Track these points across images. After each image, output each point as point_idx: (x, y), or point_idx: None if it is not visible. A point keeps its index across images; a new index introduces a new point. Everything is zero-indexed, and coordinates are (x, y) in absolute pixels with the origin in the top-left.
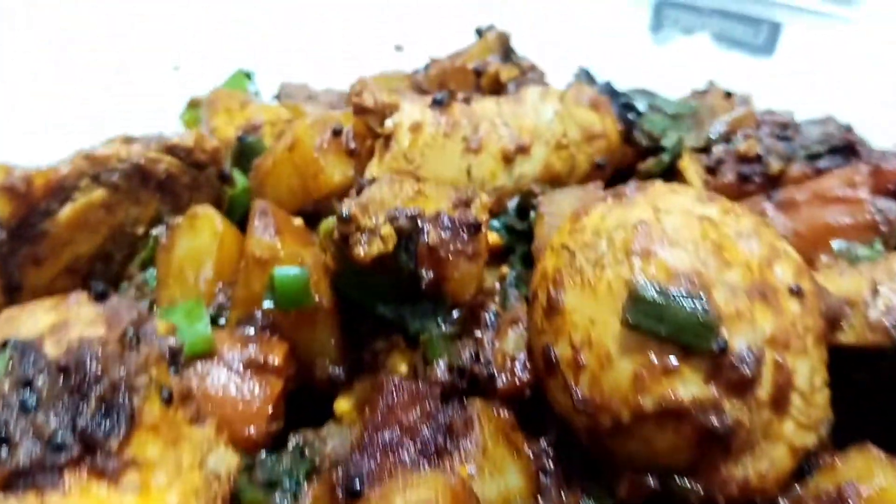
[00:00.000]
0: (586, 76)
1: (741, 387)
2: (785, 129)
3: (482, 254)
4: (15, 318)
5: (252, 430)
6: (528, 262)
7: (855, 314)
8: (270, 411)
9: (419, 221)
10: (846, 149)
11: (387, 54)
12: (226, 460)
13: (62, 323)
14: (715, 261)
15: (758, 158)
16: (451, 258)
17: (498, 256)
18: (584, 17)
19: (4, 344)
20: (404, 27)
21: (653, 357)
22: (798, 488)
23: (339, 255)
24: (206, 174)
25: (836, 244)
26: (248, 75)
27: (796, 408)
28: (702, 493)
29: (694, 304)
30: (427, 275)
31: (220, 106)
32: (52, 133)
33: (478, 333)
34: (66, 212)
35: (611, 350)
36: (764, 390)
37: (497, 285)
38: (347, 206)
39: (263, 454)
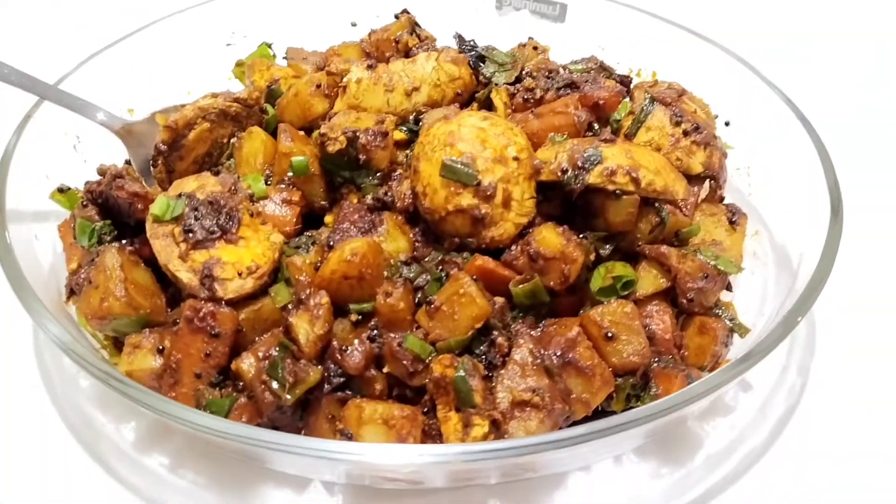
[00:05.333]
0: (459, 37)
1: (487, 198)
2: (551, 73)
3: (389, 147)
4: (180, 184)
5: (288, 228)
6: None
7: (546, 167)
8: (295, 220)
9: (358, 134)
10: (573, 85)
11: (346, 27)
12: (278, 236)
13: (201, 186)
14: (480, 147)
15: (533, 90)
16: (372, 149)
17: (403, 145)
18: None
19: (180, 195)
20: (356, 10)
21: (452, 189)
22: (518, 241)
23: (321, 150)
24: (254, 110)
25: (550, 135)
26: (269, 45)
27: (514, 207)
28: (476, 243)
29: (467, 167)
30: (362, 158)
31: (256, 69)
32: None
33: (389, 184)
34: (192, 135)
35: (437, 187)
36: (498, 200)
37: (403, 159)
38: (324, 128)
39: (294, 240)
